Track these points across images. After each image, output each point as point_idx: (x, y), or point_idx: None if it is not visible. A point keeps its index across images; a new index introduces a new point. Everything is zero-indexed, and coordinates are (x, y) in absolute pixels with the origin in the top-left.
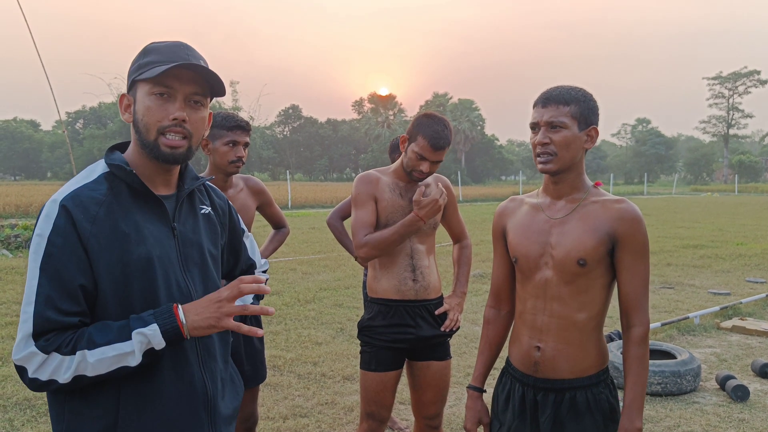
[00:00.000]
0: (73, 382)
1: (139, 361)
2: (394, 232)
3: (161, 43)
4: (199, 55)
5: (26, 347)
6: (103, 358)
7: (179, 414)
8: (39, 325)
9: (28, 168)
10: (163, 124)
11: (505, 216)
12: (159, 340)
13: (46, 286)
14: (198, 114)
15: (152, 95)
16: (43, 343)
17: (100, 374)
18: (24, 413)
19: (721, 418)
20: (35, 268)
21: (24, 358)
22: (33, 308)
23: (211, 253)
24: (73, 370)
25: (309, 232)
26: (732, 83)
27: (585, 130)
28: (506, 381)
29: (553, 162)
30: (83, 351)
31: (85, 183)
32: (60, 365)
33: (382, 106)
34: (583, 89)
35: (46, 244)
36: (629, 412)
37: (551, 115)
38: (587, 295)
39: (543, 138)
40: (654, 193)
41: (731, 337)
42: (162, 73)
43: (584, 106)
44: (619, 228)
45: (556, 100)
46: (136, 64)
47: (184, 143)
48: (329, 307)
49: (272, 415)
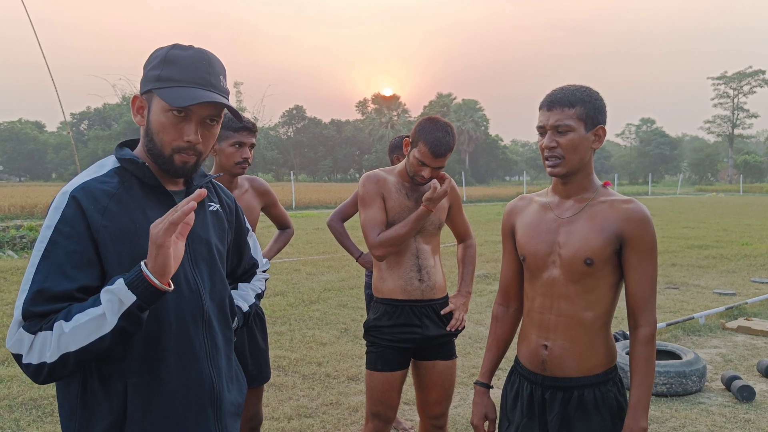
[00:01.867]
0: (60, 361)
1: (114, 325)
2: (407, 227)
3: (183, 51)
4: (218, 71)
5: (16, 332)
6: (77, 325)
7: (186, 409)
8: (27, 310)
9: (33, 169)
10: (178, 144)
11: (514, 214)
12: (126, 294)
13: (43, 272)
14: (211, 131)
15: (169, 113)
16: (29, 324)
17: (83, 347)
18: (30, 413)
19: (727, 418)
20: (37, 255)
21: (15, 344)
22: (26, 295)
23: (218, 249)
24: (55, 345)
25: (313, 233)
26: (737, 83)
27: (592, 130)
28: (515, 379)
29: (561, 165)
30: (60, 322)
31: (95, 176)
32: (44, 343)
33: (386, 107)
34: (589, 88)
35: (52, 233)
36: (634, 412)
37: (557, 119)
38: (594, 294)
39: (550, 142)
40: (659, 194)
41: (737, 338)
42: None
43: (590, 107)
44: (627, 228)
45: (561, 103)
46: (156, 72)
47: (193, 158)
48: (333, 308)
49: (277, 416)
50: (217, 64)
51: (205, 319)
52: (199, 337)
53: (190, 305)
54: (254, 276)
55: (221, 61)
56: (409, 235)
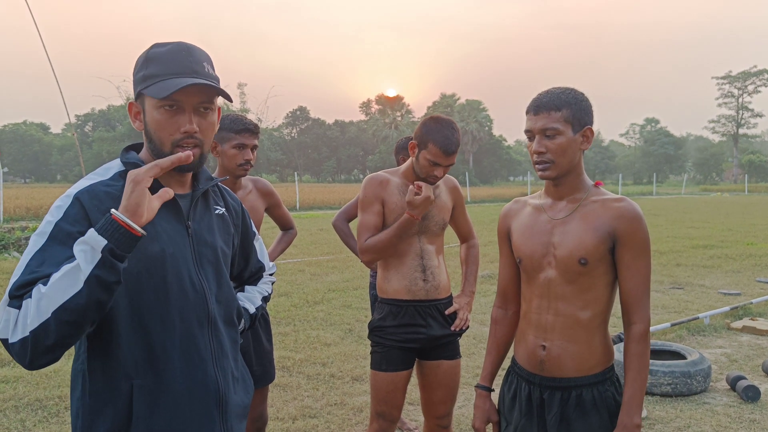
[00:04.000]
0: (42, 329)
1: (88, 273)
2: (390, 234)
3: (162, 48)
4: (200, 58)
5: (2, 313)
6: (53, 282)
7: (191, 410)
8: (13, 293)
9: (38, 171)
10: (176, 137)
11: (509, 218)
12: (97, 239)
13: (37, 260)
14: (207, 120)
15: (161, 108)
16: (13, 301)
17: (62, 305)
18: (35, 414)
19: (732, 418)
20: (34, 247)
21: (3, 328)
22: (15, 279)
23: (224, 252)
24: (35, 310)
25: (317, 234)
26: (741, 82)
27: (580, 131)
28: (512, 380)
29: (551, 169)
30: (38, 286)
31: (100, 180)
32: (26, 312)
33: (390, 108)
34: (574, 90)
35: (53, 228)
36: (628, 408)
37: (544, 123)
38: (590, 293)
39: (538, 147)
40: (663, 194)
41: (742, 338)
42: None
43: (576, 108)
44: (619, 226)
45: (547, 107)
46: (141, 74)
47: (196, 152)
48: (338, 308)
49: (282, 416)
50: (197, 52)
51: (211, 321)
52: (204, 338)
53: (195, 307)
54: (261, 279)
55: (204, 50)
56: (394, 244)
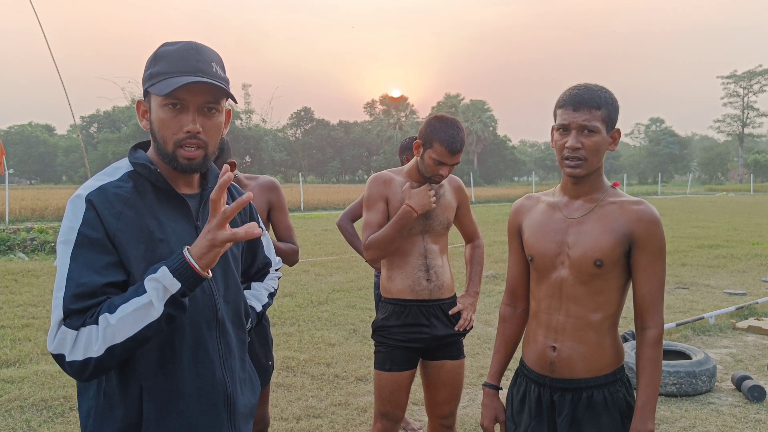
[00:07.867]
0: (107, 354)
1: (161, 312)
2: (390, 228)
3: (171, 46)
4: (209, 57)
5: (57, 331)
6: (124, 315)
7: (200, 412)
8: (68, 308)
9: (44, 172)
10: (178, 137)
11: (521, 214)
12: (171, 280)
13: (76, 270)
14: (212, 121)
15: (165, 107)
16: (71, 321)
17: (130, 337)
18: (41, 414)
19: (737, 418)
20: (65, 257)
21: (58, 344)
22: (63, 293)
23: (232, 252)
24: (101, 338)
25: (321, 234)
26: (747, 82)
27: (611, 132)
28: (521, 382)
29: (582, 167)
30: (105, 315)
31: (110, 180)
32: (89, 337)
33: (394, 108)
34: (608, 90)
35: (77, 236)
36: (641, 414)
37: (585, 119)
38: (602, 295)
39: (575, 142)
40: (668, 193)
41: (747, 338)
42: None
43: (612, 109)
44: (637, 229)
45: (588, 104)
46: (148, 71)
47: (200, 153)
48: (342, 309)
49: (286, 416)
50: (206, 51)
51: (219, 322)
52: (212, 340)
53: (203, 308)
54: (267, 275)
55: (214, 51)
56: (395, 238)
